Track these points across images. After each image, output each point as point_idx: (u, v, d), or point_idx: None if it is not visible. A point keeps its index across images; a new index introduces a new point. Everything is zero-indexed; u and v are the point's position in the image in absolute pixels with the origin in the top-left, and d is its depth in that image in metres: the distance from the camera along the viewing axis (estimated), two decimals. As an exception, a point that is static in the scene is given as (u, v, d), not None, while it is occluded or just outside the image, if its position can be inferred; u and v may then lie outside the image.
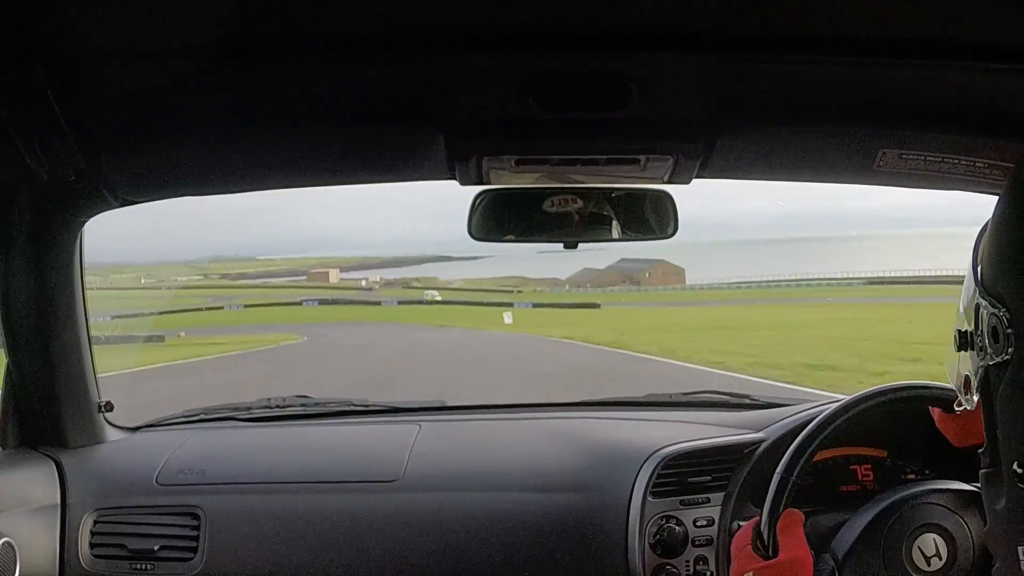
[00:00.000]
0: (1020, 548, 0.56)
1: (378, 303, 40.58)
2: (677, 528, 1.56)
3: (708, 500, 1.59)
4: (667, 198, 1.42)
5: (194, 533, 1.64)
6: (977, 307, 0.65)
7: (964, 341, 0.67)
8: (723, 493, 1.60)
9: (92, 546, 1.64)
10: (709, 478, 1.61)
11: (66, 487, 1.67)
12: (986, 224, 0.76)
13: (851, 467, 1.60)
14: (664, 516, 1.58)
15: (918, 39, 0.99)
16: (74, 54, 1.02)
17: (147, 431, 1.93)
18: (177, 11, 0.93)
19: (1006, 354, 0.59)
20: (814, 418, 1.50)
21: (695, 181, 1.36)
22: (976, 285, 0.67)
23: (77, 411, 1.74)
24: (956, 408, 0.71)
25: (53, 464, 1.69)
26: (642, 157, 1.26)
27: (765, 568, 1.02)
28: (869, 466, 1.60)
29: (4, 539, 1.48)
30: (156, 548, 1.63)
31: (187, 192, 1.47)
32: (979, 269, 0.70)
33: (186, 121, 1.22)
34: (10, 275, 1.56)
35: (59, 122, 1.10)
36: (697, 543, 1.56)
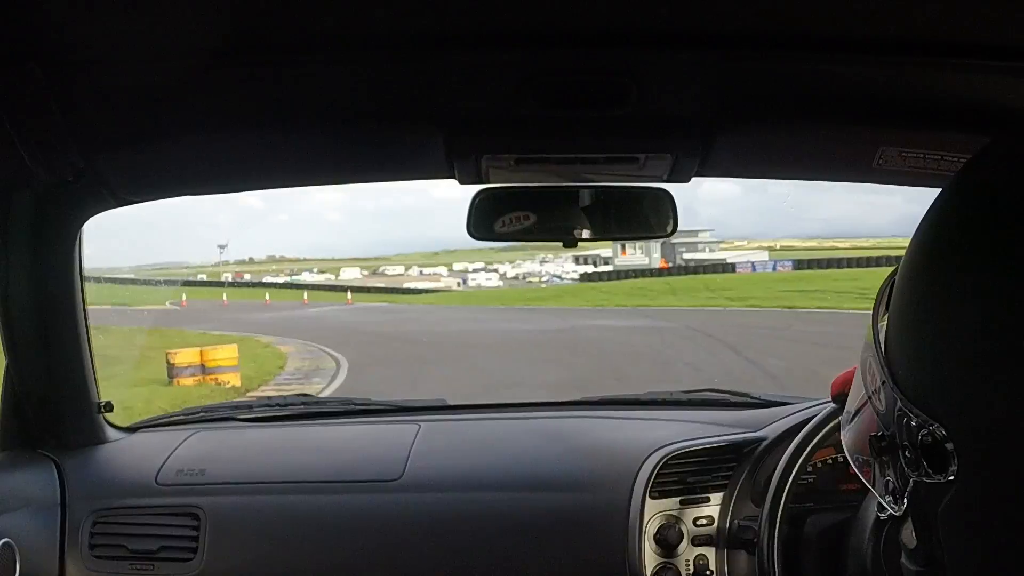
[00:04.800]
0: None
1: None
2: (677, 527, 1.56)
3: (708, 499, 1.59)
4: (666, 196, 1.42)
5: (194, 533, 1.64)
6: (901, 415, 0.51)
7: (885, 447, 0.53)
8: (723, 492, 1.60)
9: (92, 546, 1.64)
10: (709, 477, 1.61)
11: (66, 487, 1.67)
12: (889, 284, 0.57)
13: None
14: (664, 515, 1.58)
15: (918, 37, 0.99)
16: (73, 53, 1.02)
17: (147, 431, 1.93)
18: (176, 11, 0.93)
19: (948, 474, 0.47)
20: (813, 417, 1.50)
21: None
22: (894, 392, 0.52)
23: (77, 411, 1.74)
24: (880, 514, 0.61)
25: (53, 464, 1.69)
26: (641, 155, 1.25)
27: None
28: None
29: (4, 540, 1.48)
30: (156, 548, 1.62)
31: (186, 192, 1.48)
32: (888, 362, 0.53)
33: (185, 121, 1.22)
34: (9, 275, 1.55)
35: (58, 122, 1.10)
36: (697, 542, 1.56)
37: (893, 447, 0.52)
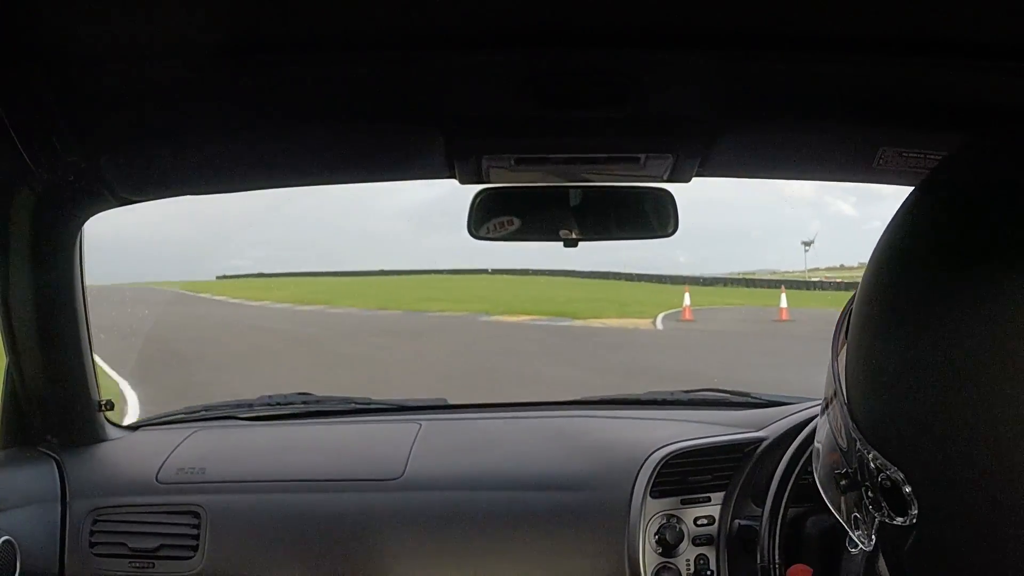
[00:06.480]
0: None
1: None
2: (678, 527, 1.56)
3: (709, 499, 1.59)
4: (667, 196, 1.42)
5: (195, 532, 1.64)
6: (861, 456, 0.49)
7: (847, 485, 0.51)
8: (724, 492, 1.60)
9: (92, 544, 1.64)
10: (710, 477, 1.61)
11: (66, 485, 1.67)
12: (848, 311, 0.54)
13: None
14: (664, 515, 1.58)
15: (918, 37, 0.98)
16: (73, 52, 1.02)
17: (147, 429, 1.93)
18: (177, 9, 0.92)
19: (910, 518, 0.46)
20: (814, 417, 1.50)
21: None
22: (854, 433, 0.49)
23: (77, 409, 1.74)
24: (851, 548, 0.60)
25: (54, 462, 1.69)
26: (642, 155, 1.25)
27: None
28: None
29: (5, 537, 1.48)
30: (156, 547, 1.63)
31: (187, 191, 1.47)
32: (848, 401, 0.51)
33: (185, 120, 1.22)
34: (10, 274, 1.55)
35: (58, 121, 1.10)
36: (698, 542, 1.56)
37: (856, 485, 0.51)
